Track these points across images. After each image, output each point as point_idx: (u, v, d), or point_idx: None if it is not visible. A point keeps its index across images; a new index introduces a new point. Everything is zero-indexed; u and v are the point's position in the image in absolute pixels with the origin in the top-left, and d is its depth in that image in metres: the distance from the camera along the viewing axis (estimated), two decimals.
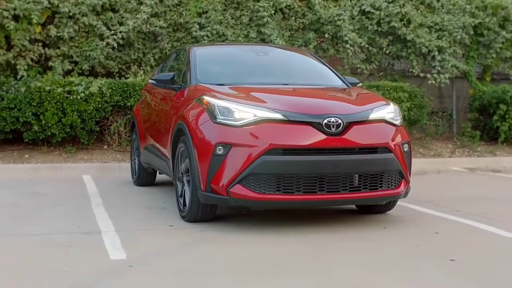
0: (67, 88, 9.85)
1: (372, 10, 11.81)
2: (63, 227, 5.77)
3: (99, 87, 9.90)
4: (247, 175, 5.32)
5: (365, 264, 4.61)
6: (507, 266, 4.62)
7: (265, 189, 5.34)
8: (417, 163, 10.91)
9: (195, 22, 11.09)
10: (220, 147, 5.41)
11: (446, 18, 12.13)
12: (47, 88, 9.74)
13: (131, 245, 5.07)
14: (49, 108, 9.78)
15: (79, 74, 10.67)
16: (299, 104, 5.75)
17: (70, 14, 10.61)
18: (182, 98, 6.37)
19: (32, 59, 10.50)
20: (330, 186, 5.43)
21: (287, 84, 6.52)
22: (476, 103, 12.50)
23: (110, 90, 10.07)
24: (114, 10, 11.01)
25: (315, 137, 5.40)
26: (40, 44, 10.63)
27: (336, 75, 7.00)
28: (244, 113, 5.48)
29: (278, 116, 5.45)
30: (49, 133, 9.91)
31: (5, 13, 10.16)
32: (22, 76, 10.27)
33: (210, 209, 5.82)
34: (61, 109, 9.86)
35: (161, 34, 11.12)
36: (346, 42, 11.52)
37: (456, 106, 13.00)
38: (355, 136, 5.52)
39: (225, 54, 7.44)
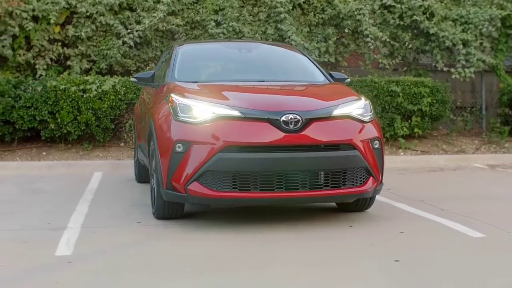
0: (82, 87, 10.05)
1: (394, 4, 11.57)
2: (35, 223, 5.89)
3: (112, 85, 10.07)
4: (204, 173, 5.31)
5: (309, 262, 4.53)
6: (452, 267, 4.44)
7: (221, 186, 5.31)
8: (438, 160, 10.65)
9: (212, 19, 11.11)
10: (180, 144, 5.42)
11: (472, 11, 11.74)
12: (62, 87, 9.96)
13: (84, 242, 5.14)
14: (64, 107, 9.99)
15: (97, 73, 10.88)
16: (258, 101, 5.68)
17: (88, 14, 10.82)
18: (161, 95, 6.40)
19: (51, 59, 10.77)
20: (288, 184, 5.34)
21: (263, 81, 6.45)
22: (504, 98, 12.07)
23: (124, 88, 10.22)
24: (131, 9, 11.17)
25: (272, 134, 5.32)
26: (60, 44, 10.88)
27: (320, 71, 6.87)
28: (203, 110, 5.46)
29: (236, 113, 5.40)
30: (65, 131, 10.12)
31: (24, 14, 10.44)
32: (41, 75, 10.54)
33: (177, 207, 5.81)
34: (76, 107, 10.06)
35: (178, 32, 11.19)
36: (367, 36, 11.32)
37: (485, 101, 12.57)
38: (316, 133, 5.41)
39: (207, 52, 7.43)
